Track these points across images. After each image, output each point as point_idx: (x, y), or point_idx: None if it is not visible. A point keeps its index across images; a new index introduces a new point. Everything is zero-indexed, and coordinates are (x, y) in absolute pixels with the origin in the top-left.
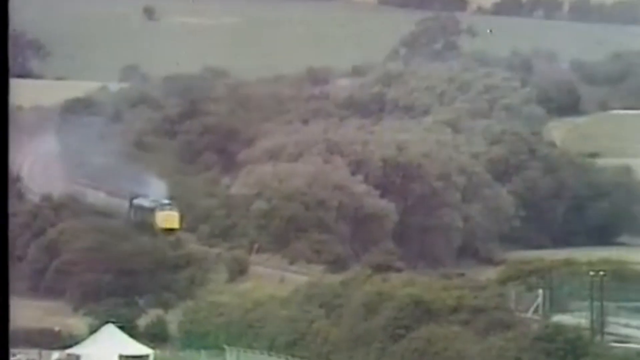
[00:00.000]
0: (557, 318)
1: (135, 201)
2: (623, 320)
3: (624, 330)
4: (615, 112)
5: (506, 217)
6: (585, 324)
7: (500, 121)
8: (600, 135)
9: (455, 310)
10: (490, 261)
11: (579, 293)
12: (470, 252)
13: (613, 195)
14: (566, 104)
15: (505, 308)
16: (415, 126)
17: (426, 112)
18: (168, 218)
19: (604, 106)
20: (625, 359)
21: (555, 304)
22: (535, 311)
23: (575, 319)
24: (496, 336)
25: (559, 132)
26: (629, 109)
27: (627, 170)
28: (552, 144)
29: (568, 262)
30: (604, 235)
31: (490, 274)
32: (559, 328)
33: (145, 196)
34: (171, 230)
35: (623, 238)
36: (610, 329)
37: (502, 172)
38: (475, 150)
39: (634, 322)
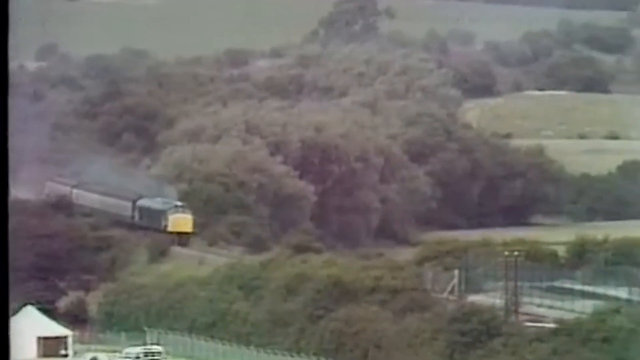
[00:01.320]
0: (472, 298)
1: (140, 202)
2: (537, 300)
3: (538, 310)
4: (528, 92)
5: (423, 198)
6: (499, 304)
7: (417, 102)
8: (514, 116)
9: (373, 290)
10: (407, 242)
11: (494, 273)
12: (388, 233)
13: (527, 176)
14: (481, 86)
15: (422, 289)
16: (333, 107)
17: (344, 94)
18: (181, 221)
19: (517, 87)
20: (538, 339)
21: (470, 284)
22: (451, 292)
23: (489, 299)
24: (413, 317)
25: (474, 113)
26: (542, 90)
27: (540, 150)
28: (468, 125)
29: (483, 243)
30: (518, 216)
31: (407, 254)
32: (474, 308)
33: (149, 197)
34: (184, 234)
35: (536, 218)
36: (524, 308)
37: (418, 153)
38: (392, 132)
39: (547, 302)
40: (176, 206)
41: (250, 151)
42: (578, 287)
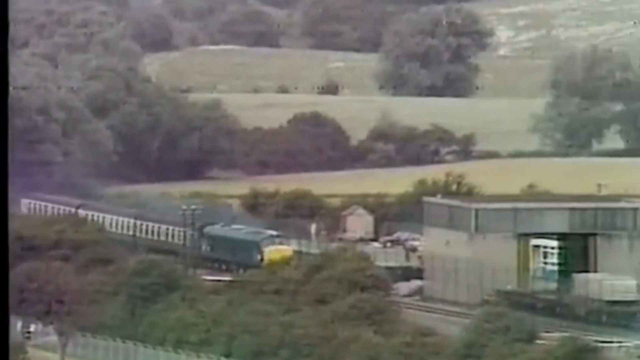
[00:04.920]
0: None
1: (209, 230)
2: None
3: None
4: (204, 47)
5: (104, 152)
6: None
7: (97, 56)
8: (192, 71)
9: (56, 245)
10: (90, 196)
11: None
12: (70, 187)
13: (204, 130)
14: (159, 40)
15: (105, 244)
16: (16, 59)
17: (25, 45)
18: (278, 254)
19: (193, 41)
20: (215, 291)
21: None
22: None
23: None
24: (96, 271)
25: (153, 67)
26: (217, 44)
27: (217, 104)
28: (147, 80)
29: (162, 196)
30: (195, 169)
31: None
32: (153, 263)
33: (222, 224)
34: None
35: (213, 171)
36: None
37: (100, 107)
38: (73, 85)
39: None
40: (271, 236)
41: None
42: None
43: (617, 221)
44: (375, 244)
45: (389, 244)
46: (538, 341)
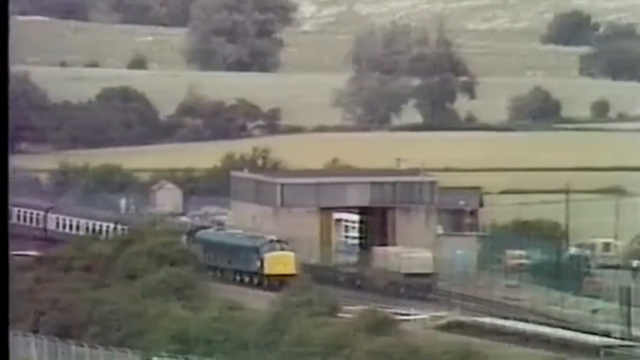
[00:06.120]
0: None
1: (205, 235)
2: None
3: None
4: (12, 17)
5: None
6: None
7: None
8: None
9: None
10: None
11: None
12: None
13: (15, 103)
14: None
15: None
16: None
17: None
18: (281, 261)
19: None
20: (23, 268)
21: None
22: None
23: None
24: None
25: None
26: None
27: (25, 77)
28: None
29: None
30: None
31: None
32: None
33: (212, 225)
34: (284, 276)
35: (23, 146)
36: None
37: None
38: None
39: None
40: (271, 241)
41: None
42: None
43: (415, 195)
44: (184, 218)
45: (197, 219)
46: (340, 314)
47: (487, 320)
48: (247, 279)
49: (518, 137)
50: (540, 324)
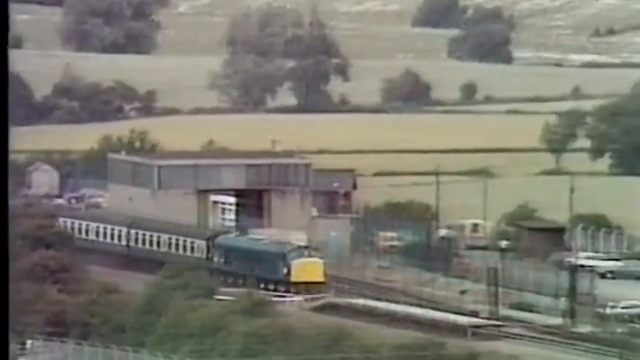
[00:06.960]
0: None
1: (226, 241)
2: None
3: None
4: None
5: None
6: None
7: None
8: None
9: None
10: None
11: None
12: None
13: None
14: None
15: None
16: None
17: None
18: (309, 268)
19: None
20: None
21: None
22: None
23: None
24: None
25: None
26: None
27: None
28: None
29: None
30: None
31: None
32: None
33: (235, 232)
34: (311, 284)
35: None
36: None
37: None
38: None
39: None
40: (299, 247)
41: None
42: None
43: (290, 177)
44: (60, 200)
45: (73, 201)
46: (217, 297)
47: (360, 301)
48: (271, 287)
49: (390, 119)
50: (412, 305)
